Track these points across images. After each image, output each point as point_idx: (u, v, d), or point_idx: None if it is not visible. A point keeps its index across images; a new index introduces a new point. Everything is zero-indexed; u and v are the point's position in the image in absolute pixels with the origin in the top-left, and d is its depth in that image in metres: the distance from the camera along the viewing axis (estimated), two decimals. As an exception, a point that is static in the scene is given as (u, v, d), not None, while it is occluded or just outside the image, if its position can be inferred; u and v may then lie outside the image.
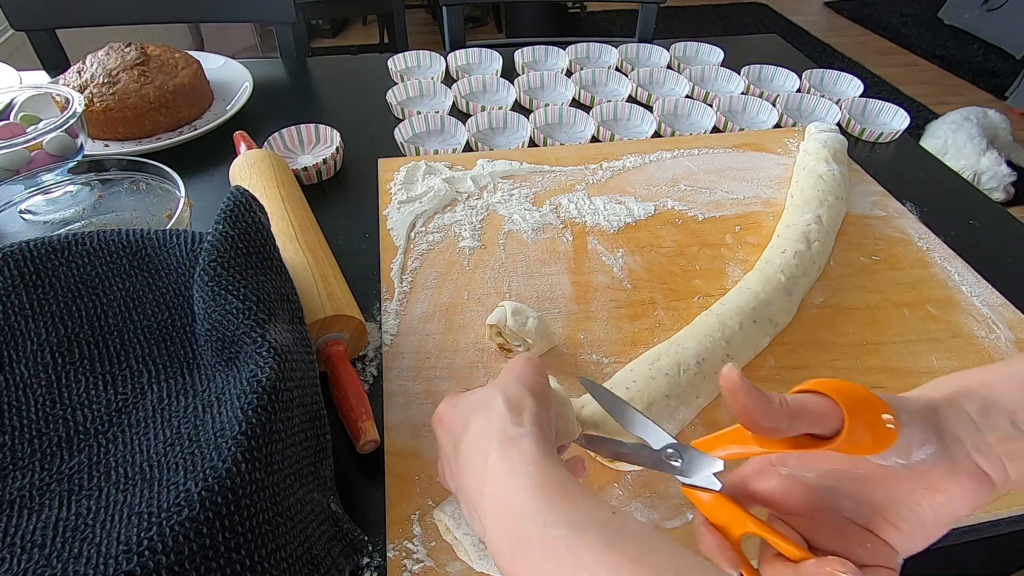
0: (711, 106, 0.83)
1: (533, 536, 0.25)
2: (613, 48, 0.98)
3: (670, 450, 0.33)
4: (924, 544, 0.29)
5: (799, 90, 0.89)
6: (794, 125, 0.83)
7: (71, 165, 0.56)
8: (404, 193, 0.65)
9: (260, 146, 0.69)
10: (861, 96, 0.87)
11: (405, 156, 0.73)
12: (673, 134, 0.80)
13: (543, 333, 0.48)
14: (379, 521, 0.40)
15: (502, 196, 0.66)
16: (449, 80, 0.90)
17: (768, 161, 0.73)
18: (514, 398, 0.31)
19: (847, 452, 0.26)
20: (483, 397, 0.33)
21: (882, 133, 0.80)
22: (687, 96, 0.86)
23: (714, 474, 0.31)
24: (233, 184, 0.56)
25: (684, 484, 0.32)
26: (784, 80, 0.92)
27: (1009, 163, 2.01)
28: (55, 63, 0.96)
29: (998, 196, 1.95)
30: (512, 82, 0.85)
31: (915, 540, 0.29)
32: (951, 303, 0.56)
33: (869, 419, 0.26)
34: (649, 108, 0.83)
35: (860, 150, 0.80)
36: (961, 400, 0.29)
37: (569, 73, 0.92)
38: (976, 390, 0.29)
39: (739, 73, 0.90)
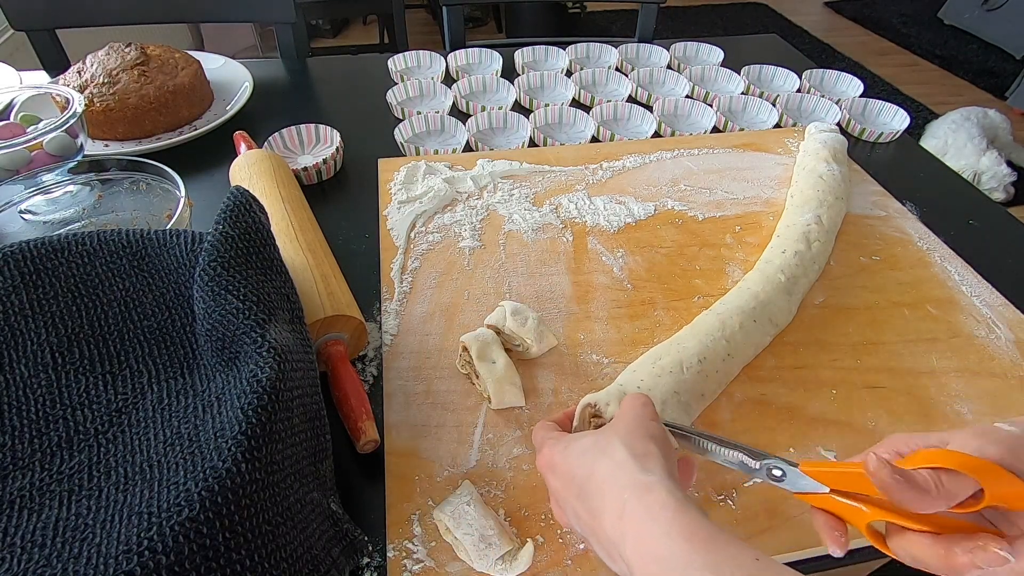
0: (711, 106, 0.83)
1: None
2: (613, 48, 0.98)
3: (774, 471, 0.33)
4: None
5: (799, 90, 0.89)
6: (794, 125, 0.83)
7: (71, 165, 0.56)
8: (404, 193, 0.65)
9: (260, 146, 0.69)
10: (861, 96, 0.87)
11: (405, 156, 0.73)
12: (673, 134, 0.80)
13: (543, 333, 0.48)
14: (379, 521, 0.40)
15: (502, 196, 0.66)
16: (449, 80, 0.90)
17: (768, 161, 0.73)
18: (637, 445, 0.31)
19: (996, 508, 0.27)
20: (600, 443, 0.33)
21: (882, 133, 0.80)
22: (687, 96, 0.86)
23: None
24: (233, 184, 0.56)
25: (793, 492, 0.33)
26: (784, 80, 0.92)
27: (1009, 163, 2.00)
28: (55, 63, 0.96)
29: (998, 196, 1.94)
30: (512, 82, 0.85)
31: None
32: (951, 303, 0.56)
33: (1007, 486, 0.26)
34: (649, 108, 0.83)
35: (860, 150, 0.80)
36: None
37: (569, 73, 0.92)
38: None
39: (739, 73, 0.90)
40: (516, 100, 0.85)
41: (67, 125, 0.61)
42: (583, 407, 0.41)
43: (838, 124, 0.81)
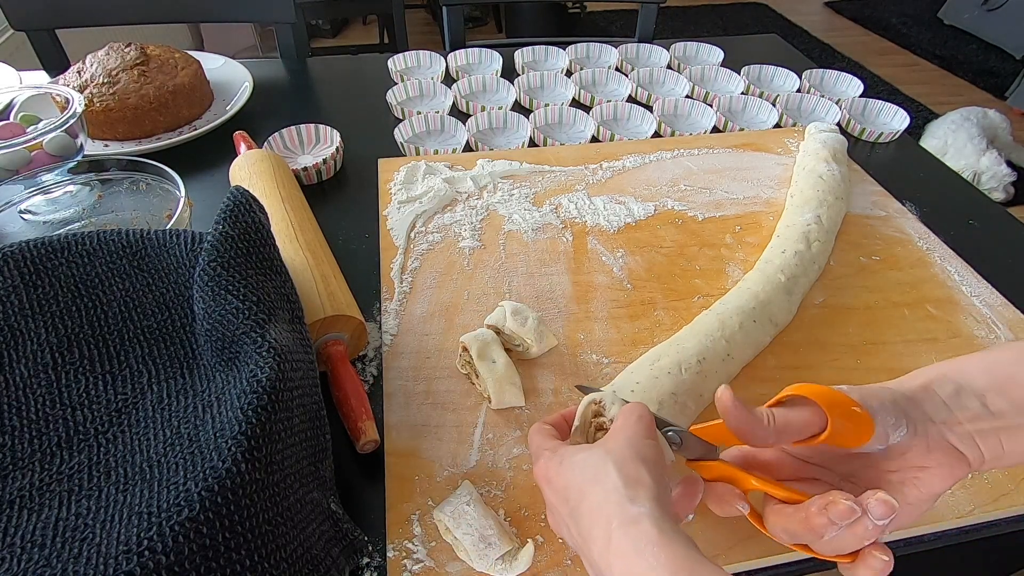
0: (711, 106, 0.83)
1: None
2: (613, 48, 0.98)
3: (670, 433, 0.35)
4: (910, 522, 0.33)
5: (799, 90, 0.89)
6: (794, 125, 0.83)
7: (71, 165, 0.56)
8: (404, 193, 0.65)
9: (260, 146, 0.69)
10: (861, 96, 0.87)
11: (405, 156, 0.73)
12: (673, 134, 0.80)
13: (543, 333, 0.48)
14: (379, 521, 0.40)
15: (502, 196, 0.66)
16: (449, 80, 0.90)
17: (768, 161, 0.73)
18: (628, 470, 0.31)
19: (836, 445, 0.30)
20: (594, 463, 0.32)
21: (882, 133, 0.80)
22: (687, 96, 0.86)
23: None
24: (233, 184, 0.56)
25: (688, 460, 0.36)
26: (784, 80, 0.92)
27: (1009, 163, 2.00)
28: (55, 63, 0.96)
29: (998, 196, 1.94)
30: (512, 82, 0.85)
31: (902, 518, 0.32)
32: (951, 303, 0.56)
33: (847, 415, 0.30)
34: (649, 108, 0.83)
35: (860, 150, 0.80)
36: (935, 386, 0.32)
37: (569, 73, 0.92)
38: (950, 376, 0.32)
39: (739, 73, 0.90)
40: (516, 100, 0.85)
41: (67, 125, 0.61)
42: (587, 405, 0.41)
43: (838, 124, 0.81)
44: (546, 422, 0.39)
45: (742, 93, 0.87)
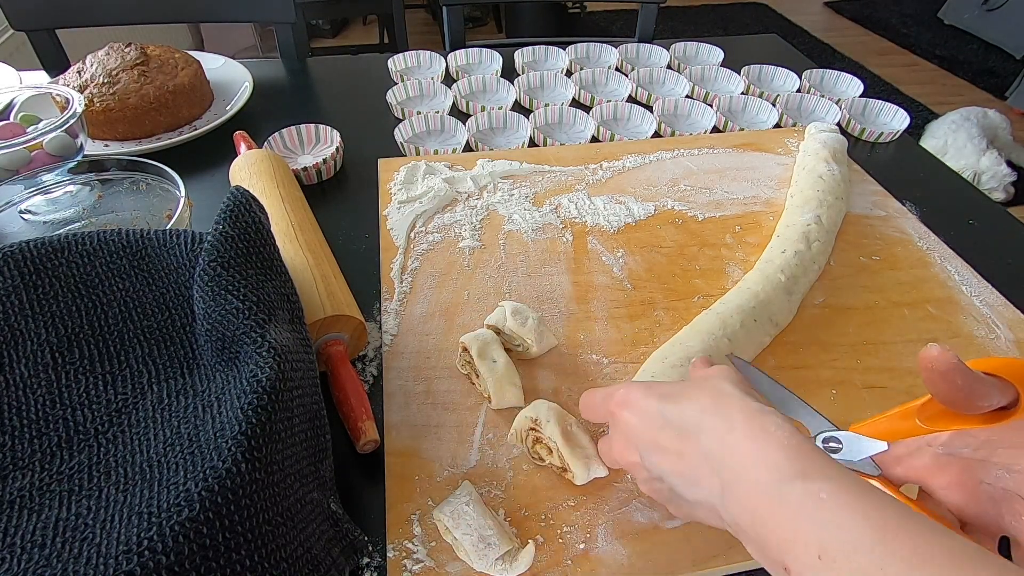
0: (711, 106, 0.83)
1: (792, 489, 0.26)
2: (613, 48, 0.98)
3: (831, 443, 0.34)
4: None
5: (799, 90, 0.89)
6: (794, 125, 0.83)
7: (71, 165, 0.56)
8: (404, 193, 0.65)
9: (260, 146, 0.69)
10: (861, 96, 0.87)
11: (405, 156, 0.73)
12: (673, 134, 0.80)
13: (543, 333, 0.48)
14: (379, 521, 0.40)
15: (502, 196, 0.66)
16: (449, 80, 0.90)
17: (768, 161, 0.73)
18: (741, 384, 0.32)
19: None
20: (697, 381, 0.33)
21: (882, 133, 0.80)
22: (687, 96, 0.86)
23: (871, 457, 0.33)
24: (233, 184, 0.56)
25: (856, 462, 0.33)
26: (784, 80, 0.92)
27: (1009, 163, 2.01)
28: (55, 63, 0.96)
29: (998, 196, 1.95)
30: (512, 82, 0.85)
31: None
32: (951, 303, 0.56)
33: None
34: (649, 108, 0.83)
35: (860, 150, 0.80)
36: None
37: (569, 73, 0.92)
38: None
39: (739, 73, 0.91)
40: (516, 100, 0.85)
41: (67, 125, 0.61)
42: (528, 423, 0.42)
43: (838, 124, 0.81)
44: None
45: (742, 93, 0.87)
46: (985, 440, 0.31)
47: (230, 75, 0.87)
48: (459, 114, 0.82)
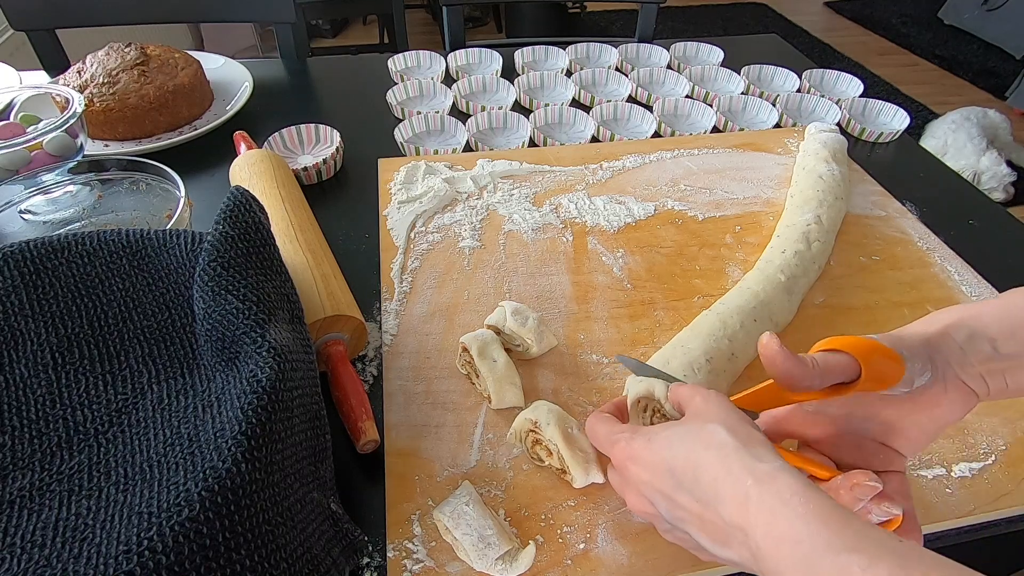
0: (711, 106, 0.83)
1: (822, 565, 0.26)
2: (613, 48, 0.98)
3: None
4: (924, 447, 0.36)
5: (799, 90, 0.89)
6: (794, 125, 0.83)
7: (71, 165, 0.56)
8: (404, 193, 0.65)
9: (260, 146, 0.69)
10: (861, 96, 0.87)
11: (405, 156, 0.73)
12: (673, 134, 0.80)
13: (543, 333, 0.48)
14: (379, 521, 0.40)
15: (502, 196, 0.66)
16: (449, 80, 0.90)
17: (768, 161, 0.73)
18: (740, 433, 0.31)
19: (869, 390, 0.32)
20: (697, 432, 0.32)
21: (882, 133, 0.80)
22: (687, 96, 0.86)
23: None
24: (233, 184, 0.56)
25: None
26: (784, 80, 0.92)
27: (1009, 163, 2.01)
28: (55, 63, 0.96)
29: (998, 196, 1.94)
30: (512, 82, 0.85)
31: (918, 445, 0.35)
32: (951, 303, 0.56)
33: (881, 362, 0.32)
34: (649, 108, 0.83)
35: (860, 150, 0.80)
36: (952, 332, 0.35)
37: (569, 73, 0.92)
38: (966, 321, 0.35)
39: (739, 73, 0.90)
40: (516, 100, 0.85)
41: (67, 125, 0.61)
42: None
43: (838, 124, 0.81)
44: (603, 411, 0.39)
45: (742, 93, 0.87)
46: (846, 400, 0.35)
47: (230, 75, 0.87)
48: (459, 114, 0.82)
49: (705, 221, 0.64)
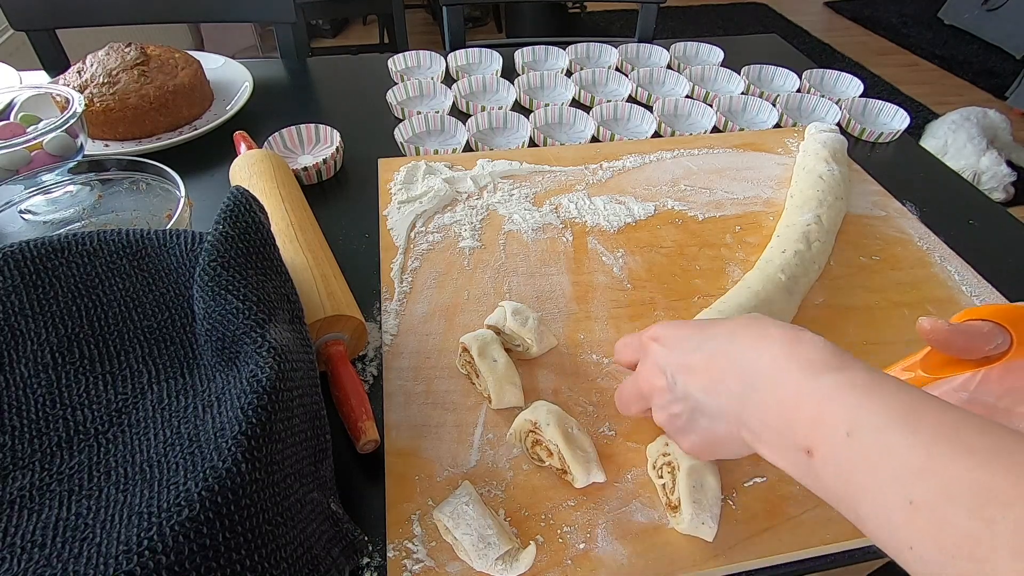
0: (711, 106, 0.83)
1: (825, 375, 0.27)
2: (613, 48, 0.98)
3: None
4: None
5: (799, 90, 0.89)
6: (794, 125, 0.83)
7: (71, 165, 0.56)
8: (404, 193, 0.65)
9: (260, 146, 0.69)
10: (861, 96, 0.87)
11: (405, 156, 0.73)
12: (673, 134, 0.80)
13: (543, 333, 0.48)
14: (379, 521, 0.40)
15: (502, 196, 0.66)
16: (449, 80, 0.90)
17: (768, 161, 0.73)
18: (770, 318, 0.33)
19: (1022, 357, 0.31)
20: (717, 320, 0.35)
21: (882, 133, 0.80)
22: (687, 96, 0.86)
23: None
24: (233, 184, 0.56)
25: None
26: (784, 80, 0.92)
27: (1009, 163, 2.01)
28: (55, 63, 0.96)
29: (998, 196, 1.95)
30: (512, 82, 0.85)
31: None
32: (951, 303, 0.56)
33: None
34: (649, 108, 0.83)
35: (860, 150, 0.80)
36: None
37: (569, 73, 0.92)
38: None
39: (739, 73, 0.90)
40: (516, 100, 0.85)
41: (67, 125, 0.61)
42: (523, 428, 0.42)
43: (838, 124, 0.81)
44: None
45: (742, 93, 0.87)
46: (1008, 389, 0.33)
47: (230, 75, 0.87)
48: (459, 114, 0.82)
49: (705, 221, 0.64)
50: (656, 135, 0.79)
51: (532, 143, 0.77)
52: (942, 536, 0.21)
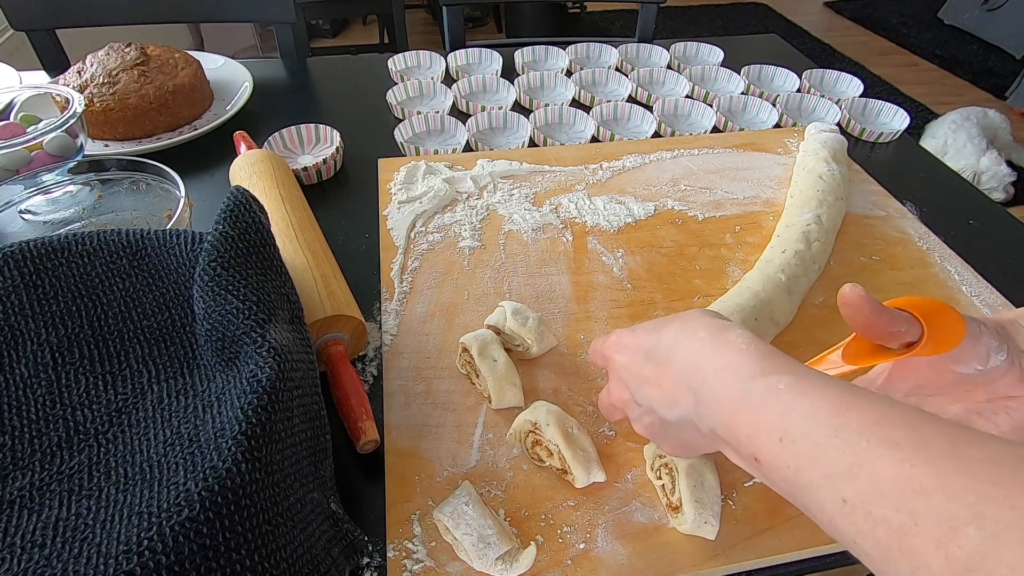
0: (711, 106, 0.83)
1: (754, 386, 0.27)
2: (613, 48, 0.98)
3: None
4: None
5: (799, 90, 0.89)
6: (794, 125, 0.83)
7: (71, 165, 0.56)
8: (404, 193, 0.65)
9: (260, 146, 0.69)
10: (861, 96, 0.87)
11: (405, 156, 0.73)
12: (673, 134, 0.80)
13: (543, 333, 0.48)
14: (379, 521, 0.40)
15: (502, 196, 0.66)
16: (449, 80, 0.90)
17: (768, 161, 0.73)
18: (706, 312, 0.34)
19: (931, 353, 0.31)
20: (667, 317, 0.35)
21: (882, 133, 0.80)
22: (687, 96, 0.86)
23: None
24: (233, 184, 0.56)
25: None
26: (784, 80, 0.92)
27: (1009, 163, 2.00)
28: (55, 63, 0.96)
29: (998, 196, 1.94)
30: (512, 82, 0.85)
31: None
32: (951, 303, 0.56)
33: (942, 321, 0.31)
34: (649, 108, 0.83)
35: (860, 150, 0.80)
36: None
37: (569, 73, 0.92)
38: None
39: (739, 73, 0.90)
40: (516, 100, 0.85)
41: (67, 125, 0.61)
42: (523, 429, 0.42)
43: (838, 124, 0.81)
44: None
45: (742, 93, 0.87)
46: (914, 387, 0.35)
47: (230, 75, 0.87)
48: (459, 114, 0.82)
49: (705, 221, 0.64)
50: (656, 135, 0.79)
51: (532, 143, 0.77)
52: (876, 532, 0.21)
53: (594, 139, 0.78)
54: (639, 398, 0.35)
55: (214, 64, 0.89)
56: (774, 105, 0.82)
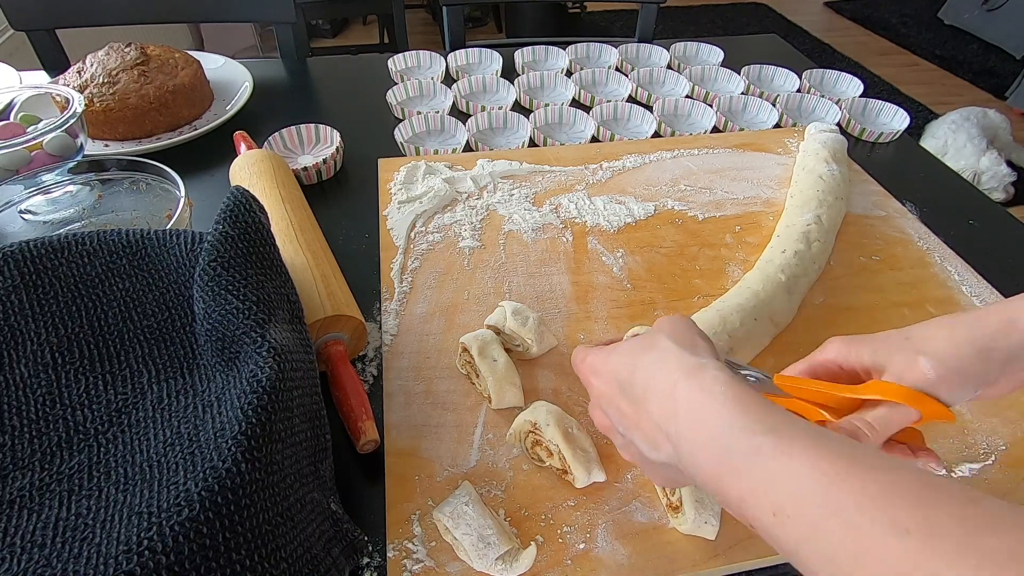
0: (711, 106, 0.83)
1: (737, 446, 0.26)
2: (613, 48, 0.98)
3: (750, 377, 0.37)
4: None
5: (799, 90, 0.89)
6: (794, 125, 0.83)
7: (71, 165, 0.56)
8: (404, 193, 0.65)
9: (260, 146, 0.69)
10: (861, 96, 0.87)
11: (405, 156, 0.73)
12: (673, 134, 0.80)
13: (543, 333, 0.48)
14: (379, 521, 0.40)
15: (502, 196, 0.66)
16: (449, 80, 0.90)
17: (768, 161, 0.73)
18: (684, 339, 0.32)
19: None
20: (644, 340, 0.34)
21: (882, 133, 0.80)
22: (687, 96, 0.86)
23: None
24: (233, 184, 0.56)
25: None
26: (784, 80, 0.92)
27: (1009, 163, 2.00)
28: (55, 63, 0.96)
29: (998, 196, 1.94)
30: (512, 82, 0.85)
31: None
32: (951, 303, 0.56)
33: (934, 412, 0.33)
34: (649, 108, 0.83)
35: (860, 150, 0.80)
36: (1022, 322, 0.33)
37: (569, 73, 0.92)
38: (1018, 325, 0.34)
39: (739, 73, 0.90)
40: (516, 100, 0.85)
41: (67, 125, 0.61)
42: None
43: (838, 124, 0.81)
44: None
45: (742, 93, 0.87)
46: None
47: (230, 75, 0.87)
48: (459, 114, 0.82)
49: (705, 221, 0.64)
50: (656, 135, 0.79)
51: (532, 143, 0.77)
52: None
53: (594, 139, 0.78)
54: (621, 430, 0.34)
55: (214, 64, 0.89)
56: (774, 105, 0.82)
